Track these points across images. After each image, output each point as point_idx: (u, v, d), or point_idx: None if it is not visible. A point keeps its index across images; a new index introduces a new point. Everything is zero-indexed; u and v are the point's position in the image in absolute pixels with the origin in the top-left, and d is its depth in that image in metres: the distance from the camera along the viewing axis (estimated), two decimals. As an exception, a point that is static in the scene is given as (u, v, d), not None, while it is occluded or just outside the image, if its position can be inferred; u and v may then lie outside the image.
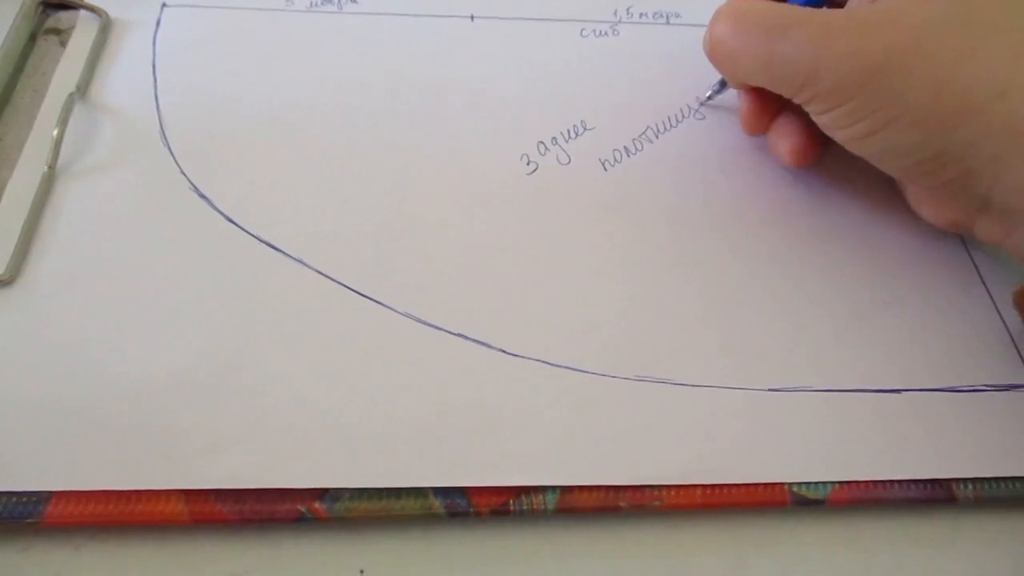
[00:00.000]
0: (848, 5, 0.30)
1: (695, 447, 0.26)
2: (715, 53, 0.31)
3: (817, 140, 0.32)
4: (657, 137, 0.35)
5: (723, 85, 0.35)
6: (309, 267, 0.29)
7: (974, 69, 0.26)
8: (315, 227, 0.30)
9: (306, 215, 0.31)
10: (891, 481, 0.26)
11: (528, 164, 0.33)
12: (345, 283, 0.29)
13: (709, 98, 0.36)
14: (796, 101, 0.30)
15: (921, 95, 0.26)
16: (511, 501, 0.25)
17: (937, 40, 0.26)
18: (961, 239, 0.33)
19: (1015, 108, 0.25)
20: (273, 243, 0.30)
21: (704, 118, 0.36)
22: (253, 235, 0.30)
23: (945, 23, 0.26)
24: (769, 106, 0.33)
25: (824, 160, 0.34)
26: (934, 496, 0.26)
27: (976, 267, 0.32)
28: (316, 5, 0.38)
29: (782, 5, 0.29)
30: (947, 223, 0.30)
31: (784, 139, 0.32)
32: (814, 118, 0.30)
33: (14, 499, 0.24)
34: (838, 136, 0.29)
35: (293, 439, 0.25)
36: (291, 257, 0.29)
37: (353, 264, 0.29)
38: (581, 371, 0.28)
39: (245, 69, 0.35)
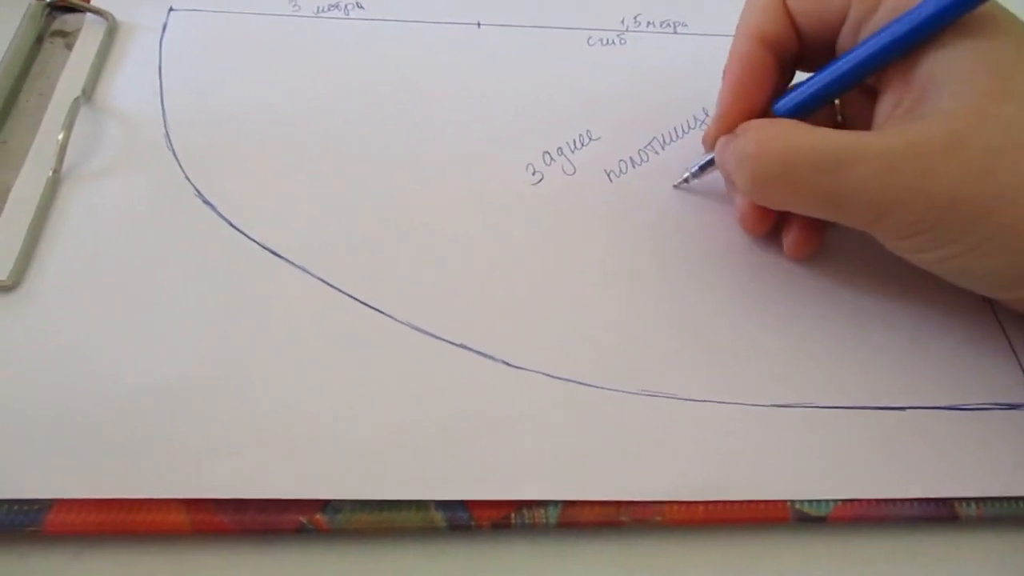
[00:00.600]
0: (882, 113, 0.28)
1: (697, 462, 0.26)
2: (760, 194, 0.29)
3: (822, 232, 0.31)
4: (663, 148, 0.35)
5: (704, 168, 0.33)
6: (312, 275, 0.29)
7: None
8: (319, 235, 0.30)
9: (310, 222, 0.31)
10: (893, 499, 0.26)
11: (534, 174, 0.33)
12: (348, 291, 0.29)
13: (686, 180, 0.33)
14: (870, 231, 0.28)
15: (1000, 220, 0.25)
16: (512, 514, 0.25)
17: (1006, 162, 0.25)
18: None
19: None
20: (276, 250, 0.30)
21: (710, 129, 0.36)
22: (257, 242, 0.30)
23: (1007, 142, 0.25)
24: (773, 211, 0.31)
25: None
26: (937, 514, 0.26)
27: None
28: (323, 11, 0.38)
29: (830, 134, 0.27)
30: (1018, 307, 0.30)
31: (788, 235, 0.31)
32: (883, 242, 0.28)
33: (15, 507, 0.24)
34: (910, 258, 0.28)
35: (295, 449, 0.25)
36: (294, 264, 0.29)
37: (356, 272, 0.29)
38: (584, 384, 0.28)
39: (251, 74, 0.35)
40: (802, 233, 0.31)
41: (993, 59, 0.26)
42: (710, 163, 0.32)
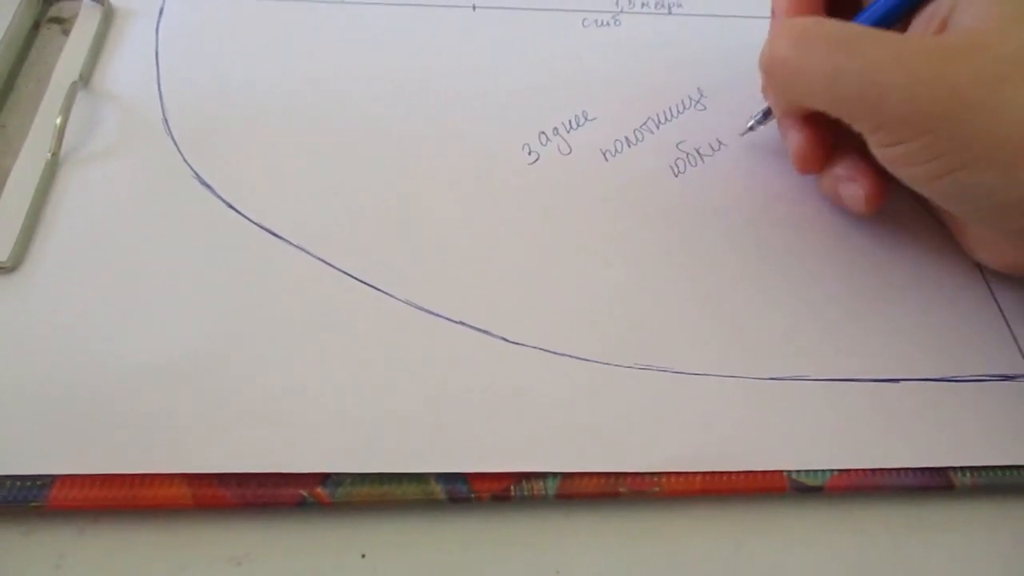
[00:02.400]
0: (913, 32, 0.28)
1: (695, 434, 0.27)
2: (772, 69, 0.29)
3: (886, 181, 0.30)
4: (658, 128, 0.35)
5: (766, 115, 0.33)
6: (311, 254, 0.29)
7: None
8: (317, 215, 0.30)
9: (308, 203, 0.31)
10: (889, 469, 0.27)
11: (530, 154, 0.33)
12: (346, 271, 0.29)
13: (751, 128, 0.34)
14: (859, 129, 0.27)
15: (1011, 131, 0.23)
16: (512, 486, 0.25)
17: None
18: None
19: None
20: (274, 231, 0.30)
21: (705, 109, 0.36)
22: (255, 222, 0.30)
23: None
24: (826, 139, 0.30)
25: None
26: (932, 483, 0.27)
27: (975, 257, 0.32)
28: (319, -5, 0.38)
29: (846, 23, 0.27)
30: (1010, 267, 0.29)
31: (850, 183, 0.30)
32: (876, 151, 0.27)
33: (18, 483, 0.24)
34: (904, 173, 0.27)
35: (295, 424, 0.26)
36: (293, 244, 0.30)
37: (354, 252, 0.30)
38: (581, 359, 0.28)
39: (247, 58, 0.35)
40: (869, 181, 0.30)
41: None
42: (770, 109, 0.33)
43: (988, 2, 0.25)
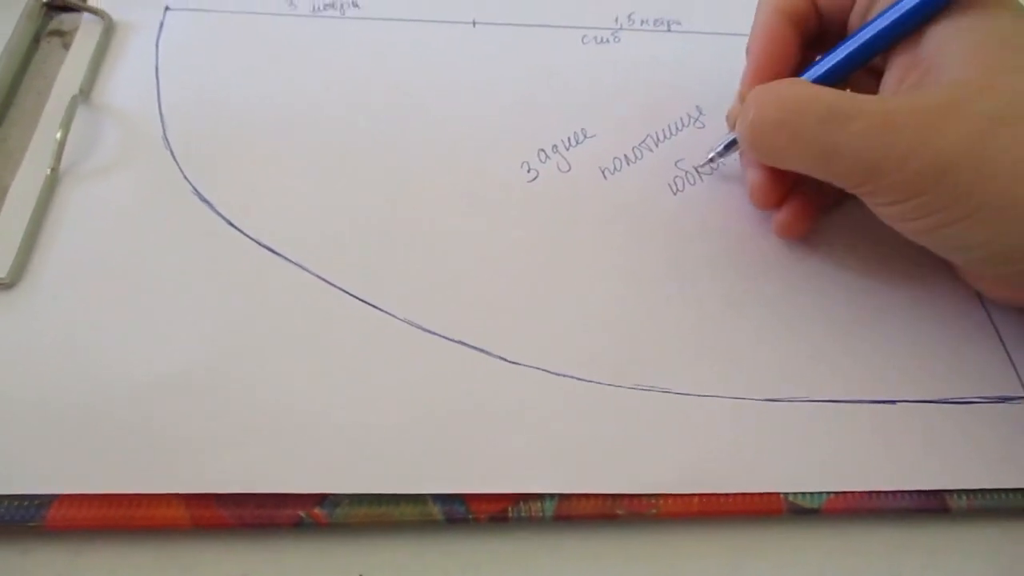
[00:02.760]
0: (887, 88, 0.29)
1: (692, 456, 0.27)
2: (759, 142, 0.28)
3: (813, 215, 0.32)
4: (657, 146, 0.35)
5: (729, 148, 0.33)
6: (310, 272, 0.30)
7: None
8: (316, 232, 0.31)
9: (307, 220, 0.31)
10: (886, 491, 0.27)
11: (529, 172, 0.33)
12: (345, 288, 0.29)
13: (711, 160, 0.34)
14: (855, 193, 0.28)
15: (998, 186, 0.24)
16: (509, 508, 0.25)
17: (1009, 130, 0.24)
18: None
19: None
20: (274, 247, 0.30)
21: (704, 127, 0.36)
22: (254, 239, 0.30)
23: (1010, 111, 0.25)
24: (784, 181, 0.31)
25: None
26: (928, 506, 0.27)
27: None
28: (319, 10, 0.38)
29: (832, 91, 0.27)
30: (1008, 301, 0.30)
31: (779, 214, 0.31)
32: (873, 208, 0.28)
33: (16, 502, 0.24)
34: (901, 228, 0.28)
35: (293, 444, 0.26)
36: (292, 262, 0.30)
37: (353, 269, 0.30)
38: (580, 379, 0.28)
39: (248, 73, 0.35)
40: (793, 213, 0.31)
41: (996, 33, 0.26)
42: (734, 142, 0.32)
43: (970, 52, 0.26)
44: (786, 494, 0.26)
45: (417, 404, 0.27)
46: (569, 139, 0.35)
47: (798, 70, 0.31)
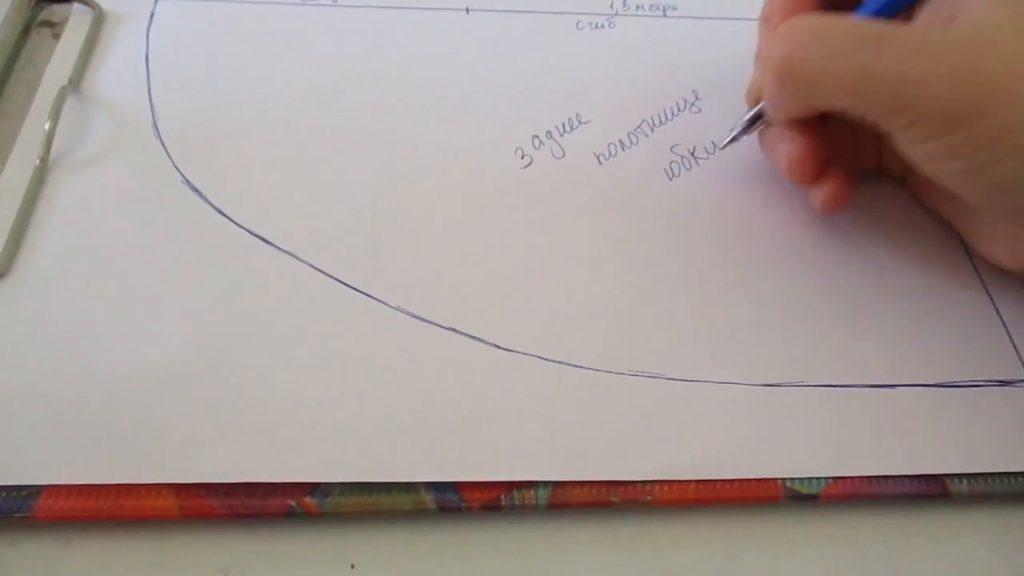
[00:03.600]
0: (921, 23, 0.28)
1: (688, 442, 0.26)
2: (790, 71, 0.27)
3: (854, 183, 0.30)
4: (652, 131, 0.35)
5: (752, 124, 0.32)
6: (301, 260, 0.29)
7: None
8: (307, 221, 0.30)
9: (298, 209, 0.31)
10: (885, 476, 0.26)
11: (523, 158, 0.33)
12: (337, 277, 0.29)
13: (734, 139, 0.32)
14: (887, 127, 0.26)
15: None
16: (502, 496, 0.25)
17: None
18: (957, 233, 0.32)
19: None
20: (265, 236, 0.30)
21: (700, 111, 0.35)
22: (245, 228, 0.30)
23: None
24: (821, 151, 0.30)
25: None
26: (928, 491, 0.26)
27: (973, 262, 0.32)
28: (309, -2, 0.38)
29: (866, 19, 0.26)
30: (1017, 266, 0.29)
31: (827, 187, 0.30)
32: (906, 148, 0.27)
33: (3, 493, 0.24)
34: (937, 170, 0.26)
35: (283, 433, 0.25)
36: (282, 251, 0.29)
37: (345, 258, 0.29)
38: (575, 366, 0.28)
39: (239, 63, 0.35)
40: (835, 186, 0.30)
41: None
42: (759, 117, 0.31)
43: (995, 3, 0.25)
44: (783, 480, 0.26)
45: (409, 392, 0.27)
46: (563, 125, 0.34)
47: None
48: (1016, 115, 0.23)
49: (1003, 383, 0.29)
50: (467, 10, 0.38)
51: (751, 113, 0.32)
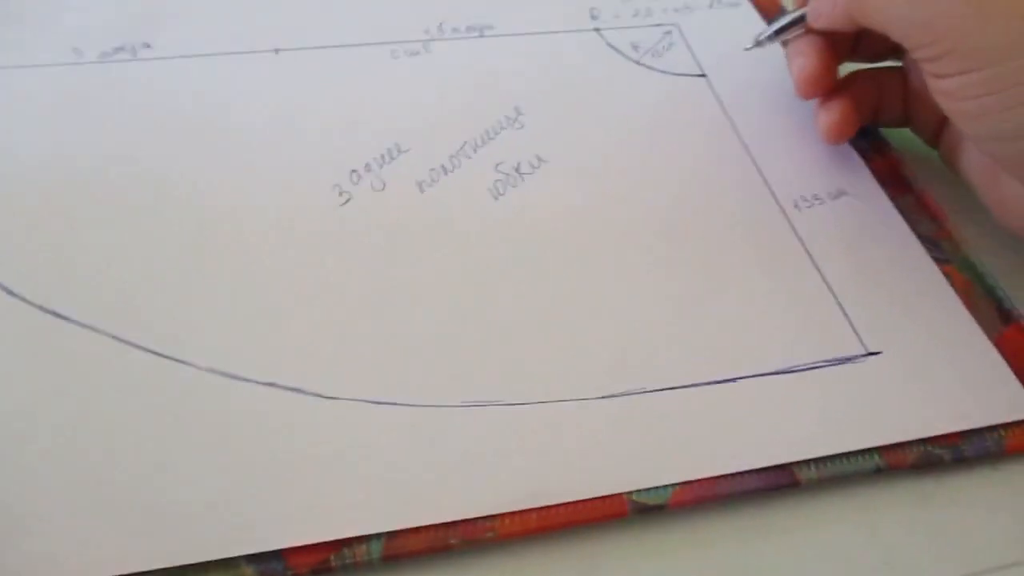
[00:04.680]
0: None
1: (529, 469, 0.25)
2: None
3: (859, 117, 0.33)
4: (475, 152, 0.34)
5: (779, 32, 0.34)
6: (102, 333, 0.27)
7: None
8: (107, 289, 0.28)
9: (97, 278, 0.28)
10: (733, 475, 0.25)
11: (340, 195, 0.32)
12: (143, 345, 0.27)
13: (759, 43, 0.34)
14: (920, 56, 0.28)
15: None
16: (332, 556, 0.23)
17: None
18: (782, 210, 0.32)
19: None
20: (61, 312, 0.27)
21: (523, 127, 0.35)
22: (38, 306, 0.27)
23: None
24: (832, 68, 0.33)
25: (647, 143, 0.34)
26: (778, 482, 0.25)
27: (804, 244, 0.31)
28: (108, 55, 0.36)
29: None
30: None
31: (831, 113, 0.33)
32: (933, 82, 0.28)
33: None
34: (961, 107, 0.28)
35: (84, 522, 0.23)
36: (81, 325, 0.27)
37: (151, 323, 0.27)
38: (404, 405, 0.26)
39: (32, 129, 0.33)
40: (841, 113, 0.33)
41: None
42: (801, 18, 0.33)
43: None
44: (629, 493, 0.25)
45: (226, 458, 0.25)
46: (382, 156, 0.33)
47: None
48: None
49: (843, 360, 0.28)
50: (276, 51, 0.37)
51: (794, 15, 0.33)
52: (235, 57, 0.37)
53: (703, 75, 0.38)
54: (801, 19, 0.33)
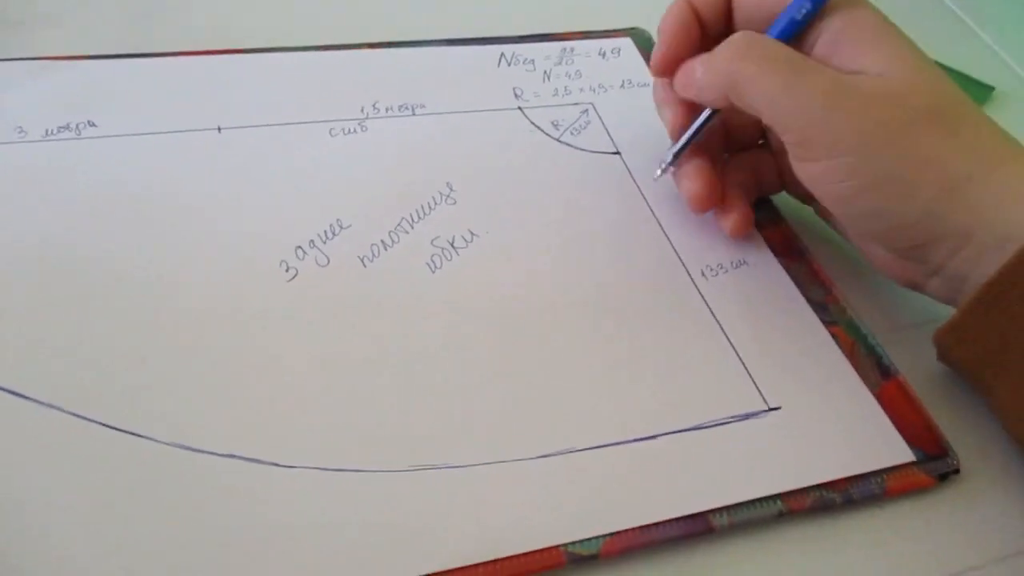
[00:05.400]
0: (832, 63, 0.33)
1: (473, 526, 0.27)
2: (730, 72, 0.32)
3: (753, 212, 0.38)
4: (412, 227, 0.36)
5: (676, 157, 0.37)
6: (64, 411, 0.28)
7: (951, 153, 0.30)
8: (66, 369, 0.29)
9: (54, 358, 0.30)
10: (656, 524, 0.28)
11: (287, 270, 0.34)
12: (103, 421, 0.28)
13: (663, 171, 0.38)
14: (788, 140, 0.32)
15: (909, 166, 0.30)
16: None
17: (927, 122, 0.30)
18: (692, 279, 0.36)
19: (979, 191, 0.30)
20: (22, 392, 0.29)
21: (455, 203, 0.37)
22: (-2, 387, 0.29)
23: (932, 108, 0.31)
24: (718, 182, 0.37)
25: (569, 218, 0.37)
26: (694, 530, 0.29)
27: (711, 310, 0.35)
28: (52, 133, 0.37)
29: (799, 54, 0.32)
30: (902, 281, 0.35)
31: (733, 213, 0.37)
32: (798, 165, 0.33)
33: None
34: (825, 190, 0.32)
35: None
36: (41, 403, 0.28)
37: (109, 400, 0.29)
38: (356, 471, 0.28)
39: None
40: (739, 212, 0.37)
41: (883, 27, 0.32)
42: (683, 147, 0.37)
43: (895, 47, 0.32)
44: (564, 545, 0.27)
45: (188, 530, 0.26)
46: (325, 232, 0.35)
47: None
48: (887, 158, 0.30)
49: (747, 416, 0.32)
50: (219, 129, 0.39)
51: (680, 143, 0.37)
52: (178, 135, 0.38)
53: (617, 152, 0.41)
54: (693, 137, 0.37)
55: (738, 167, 0.39)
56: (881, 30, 0.32)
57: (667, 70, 0.36)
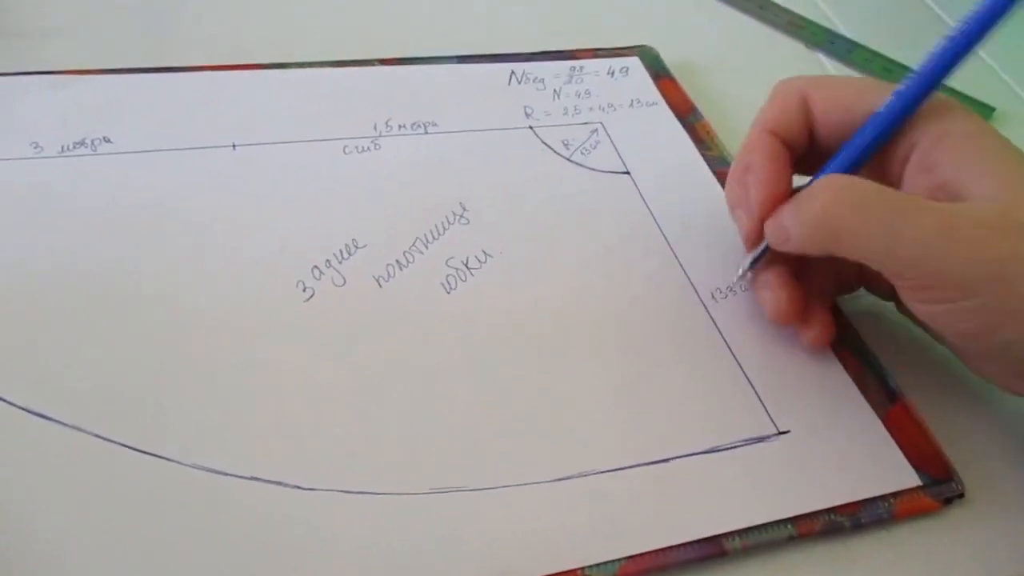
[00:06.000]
0: (908, 184, 0.32)
1: (491, 549, 0.28)
2: (826, 225, 0.30)
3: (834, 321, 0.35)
4: (427, 247, 0.37)
5: (759, 259, 0.35)
6: (87, 432, 0.29)
7: None
8: (89, 389, 0.30)
9: (77, 377, 0.30)
10: (671, 547, 0.29)
11: (305, 291, 0.34)
12: (128, 444, 0.29)
13: (743, 276, 0.36)
14: (907, 286, 0.30)
15: None
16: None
17: None
18: (701, 301, 0.36)
19: None
20: (42, 412, 0.29)
21: (469, 223, 0.38)
22: (21, 408, 0.29)
23: None
24: (802, 295, 0.34)
25: (580, 238, 0.38)
26: (708, 553, 0.29)
27: (721, 332, 0.36)
28: (68, 149, 0.37)
29: (894, 191, 0.31)
30: (1013, 392, 0.33)
31: (815, 328, 0.35)
32: (915, 306, 0.31)
33: None
34: (950, 330, 0.31)
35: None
36: (65, 425, 0.29)
37: (131, 421, 0.29)
38: (376, 494, 0.29)
39: (-4, 226, 0.34)
40: (822, 324, 0.35)
41: (985, 140, 0.30)
42: (763, 253, 0.35)
43: (1001, 164, 0.30)
44: (581, 569, 0.28)
45: (213, 553, 0.27)
46: (341, 252, 0.36)
47: (789, 189, 0.34)
48: (1018, 294, 0.28)
49: (758, 440, 0.32)
50: (233, 146, 0.39)
51: (758, 251, 0.35)
52: (193, 152, 0.39)
53: (627, 172, 0.42)
54: (762, 255, 0.35)
55: (819, 270, 0.36)
56: (983, 143, 0.31)
57: (770, 213, 0.33)
